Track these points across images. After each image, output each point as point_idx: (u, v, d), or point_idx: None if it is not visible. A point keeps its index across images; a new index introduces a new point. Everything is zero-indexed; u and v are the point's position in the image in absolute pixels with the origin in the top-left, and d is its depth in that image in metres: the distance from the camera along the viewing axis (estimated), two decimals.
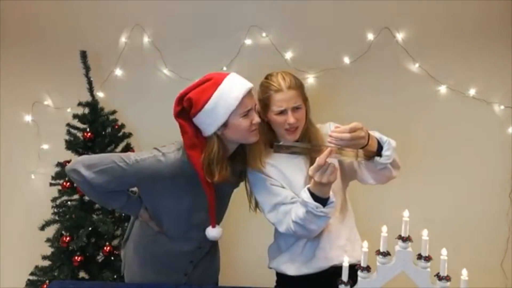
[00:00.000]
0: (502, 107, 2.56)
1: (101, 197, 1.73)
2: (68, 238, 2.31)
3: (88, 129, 2.43)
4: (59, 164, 2.43)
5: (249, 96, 1.57)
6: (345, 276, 1.38)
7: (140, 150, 1.69)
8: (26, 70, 2.70)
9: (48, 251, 2.43)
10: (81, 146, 2.43)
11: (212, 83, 1.56)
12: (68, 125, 2.47)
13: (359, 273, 1.36)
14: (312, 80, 2.57)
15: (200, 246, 1.79)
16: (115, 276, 2.32)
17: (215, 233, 1.70)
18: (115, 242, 2.44)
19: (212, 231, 1.70)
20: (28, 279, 2.43)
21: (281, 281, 1.79)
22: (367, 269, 1.36)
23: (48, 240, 2.42)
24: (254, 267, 2.12)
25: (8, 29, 2.67)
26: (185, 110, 1.59)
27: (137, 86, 2.67)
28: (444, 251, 1.32)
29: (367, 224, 1.85)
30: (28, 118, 2.74)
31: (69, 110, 2.63)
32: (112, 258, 2.40)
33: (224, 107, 1.53)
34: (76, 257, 2.30)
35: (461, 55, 2.52)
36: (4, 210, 2.74)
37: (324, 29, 2.55)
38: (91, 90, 2.48)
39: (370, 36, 2.53)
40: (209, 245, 1.82)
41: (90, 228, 2.31)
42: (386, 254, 1.35)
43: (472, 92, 2.54)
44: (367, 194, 2.10)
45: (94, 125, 2.45)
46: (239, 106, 1.54)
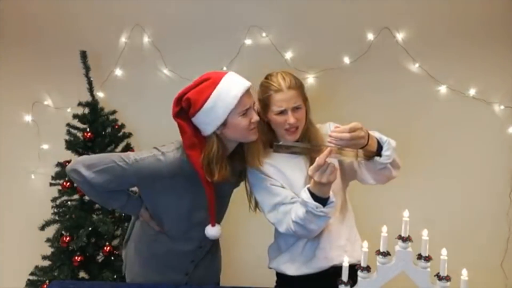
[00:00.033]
0: (502, 107, 2.56)
1: (102, 197, 1.73)
2: (68, 238, 2.30)
3: (88, 129, 2.43)
4: (59, 164, 2.43)
5: (247, 95, 1.57)
6: (345, 276, 1.38)
7: (140, 150, 1.69)
8: (26, 70, 2.69)
9: (48, 251, 2.43)
10: (81, 146, 2.42)
11: (210, 82, 1.55)
12: (68, 125, 2.47)
13: (359, 273, 1.36)
14: (312, 80, 2.57)
15: (201, 246, 1.79)
16: (115, 276, 2.31)
17: (214, 231, 1.70)
18: (115, 242, 2.44)
19: (212, 230, 1.70)
20: (28, 279, 2.43)
21: (281, 281, 1.79)
22: (367, 269, 1.36)
23: (48, 240, 2.42)
24: (254, 267, 2.12)
25: (8, 29, 2.67)
26: (183, 110, 1.59)
27: (137, 86, 2.67)
28: (444, 251, 1.32)
29: (367, 224, 1.85)
30: (28, 118, 2.74)
31: (69, 110, 2.63)
32: (112, 258, 2.40)
33: (222, 106, 1.53)
34: (76, 257, 2.30)
35: (461, 55, 2.53)
36: (4, 210, 2.74)
37: (324, 29, 2.55)
38: (91, 90, 2.47)
39: (370, 36, 2.53)
40: (209, 244, 1.83)
41: (90, 228, 2.31)
42: (386, 254, 1.35)
43: (472, 92, 2.55)
44: (367, 194, 2.09)
45: (94, 125, 2.45)
46: (237, 105, 1.54)
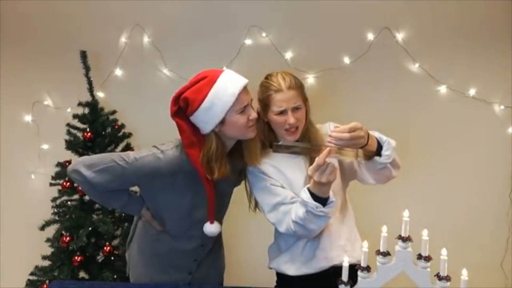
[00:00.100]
0: (502, 107, 2.56)
1: (102, 197, 1.74)
2: (68, 238, 2.30)
3: (88, 129, 2.43)
4: (59, 164, 2.43)
5: (245, 92, 1.58)
6: (345, 276, 1.38)
7: (140, 149, 1.70)
8: (26, 70, 2.69)
9: (48, 251, 2.43)
10: (81, 146, 2.42)
11: (207, 81, 1.56)
12: (68, 125, 2.46)
13: (359, 273, 1.36)
14: (312, 80, 2.57)
15: (203, 244, 1.79)
16: (115, 276, 2.31)
17: (213, 228, 1.70)
18: (115, 242, 2.44)
19: (210, 227, 1.70)
20: (28, 279, 2.43)
21: (281, 281, 1.79)
22: (367, 269, 1.36)
23: (48, 240, 2.42)
24: (254, 267, 2.12)
25: (8, 29, 2.67)
26: (181, 109, 1.59)
27: (137, 86, 2.67)
28: (444, 251, 1.32)
29: (367, 224, 1.85)
30: (28, 118, 2.74)
31: (69, 110, 2.62)
32: (112, 258, 2.39)
33: (220, 104, 1.54)
34: (76, 257, 2.30)
35: (461, 55, 2.53)
36: (4, 210, 2.73)
37: (324, 29, 2.55)
38: (91, 90, 2.47)
39: (370, 36, 2.53)
40: (211, 243, 1.83)
41: (90, 228, 2.31)
42: (386, 254, 1.35)
43: (472, 92, 2.55)
44: (367, 194, 2.09)
45: (94, 125, 2.44)
46: (235, 103, 1.54)
